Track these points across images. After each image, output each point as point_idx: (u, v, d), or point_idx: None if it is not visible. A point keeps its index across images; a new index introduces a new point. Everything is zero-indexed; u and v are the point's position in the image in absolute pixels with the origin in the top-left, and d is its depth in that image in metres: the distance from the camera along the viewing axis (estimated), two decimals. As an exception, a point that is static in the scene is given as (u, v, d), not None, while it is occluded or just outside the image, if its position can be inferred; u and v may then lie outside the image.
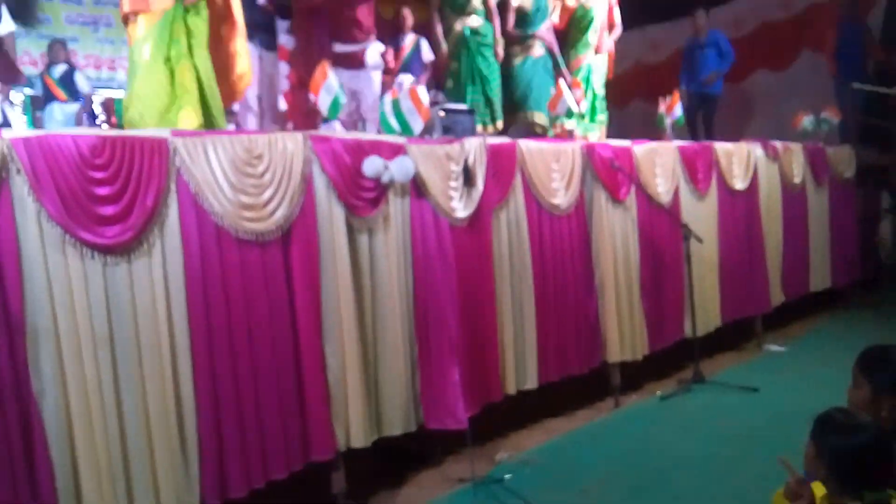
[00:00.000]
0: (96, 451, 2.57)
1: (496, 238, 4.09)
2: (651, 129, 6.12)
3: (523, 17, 5.61)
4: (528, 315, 4.24)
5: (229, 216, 2.97)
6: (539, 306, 4.28)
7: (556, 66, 5.74)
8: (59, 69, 6.86)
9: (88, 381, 2.54)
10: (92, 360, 2.56)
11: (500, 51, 5.38)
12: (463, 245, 3.87)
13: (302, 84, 6.51)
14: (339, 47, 5.09)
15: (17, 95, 7.43)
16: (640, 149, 4.96)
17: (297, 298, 3.23)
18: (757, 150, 5.99)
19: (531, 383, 4.22)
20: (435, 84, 6.68)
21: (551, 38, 5.77)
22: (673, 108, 5.63)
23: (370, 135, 3.66)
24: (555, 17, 6.03)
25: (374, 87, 5.18)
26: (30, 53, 7.64)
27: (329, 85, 3.54)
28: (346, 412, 3.34)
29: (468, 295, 3.88)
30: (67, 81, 6.86)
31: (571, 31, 6.01)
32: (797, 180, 6.41)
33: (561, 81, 4.94)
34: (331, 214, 3.34)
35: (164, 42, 3.44)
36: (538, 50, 5.63)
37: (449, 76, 5.27)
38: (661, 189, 5.02)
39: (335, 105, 3.57)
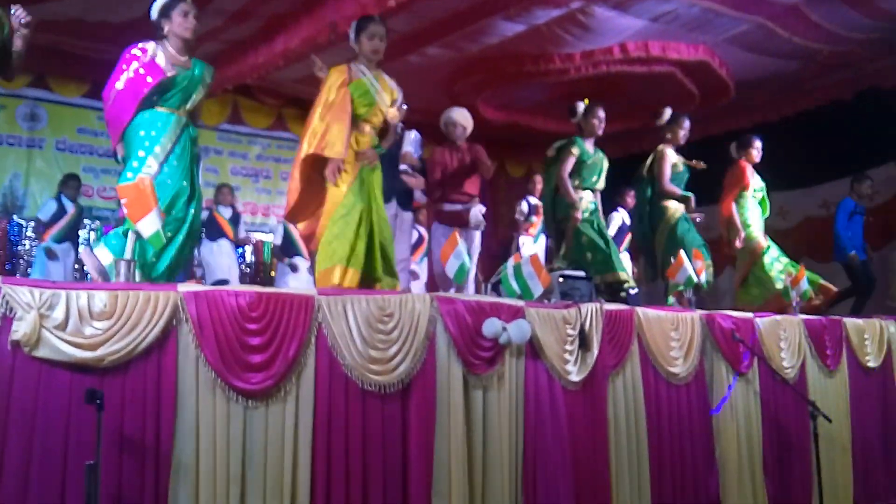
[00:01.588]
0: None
1: (611, 403, 4.09)
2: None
3: (674, 176, 5.70)
4: (643, 486, 4.11)
5: (358, 368, 3.22)
6: (655, 478, 4.16)
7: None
8: (227, 211, 7.70)
9: (218, 518, 2.76)
10: (224, 498, 2.79)
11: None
12: (576, 408, 3.91)
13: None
14: (448, 206, 5.65)
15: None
16: (764, 321, 4.89)
17: (412, 450, 3.36)
18: (891, 326, 5.72)
19: (644, 562, 4.04)
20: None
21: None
22: (799, 282, 5.54)
23: (491, 297, 3.89)
24: None
25: (476, 244, 5.60)
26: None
27: (458, 252, 3.85)
28: (449, 571, 3.35)
29: (580, 460, 3.87)
30: (234, 223, 7.69)
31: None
32: (938, 359, 6.00)
33: (681, 251, 5.04)
34: (449, 371, 3.51)
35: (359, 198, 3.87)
36: (690, 206, 5.69)
37: (577, 236, 5.31)
38: (786, 363, 4.88)
39: (461, 271, 3.86)
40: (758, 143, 6.05)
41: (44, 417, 2.62)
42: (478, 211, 5.70)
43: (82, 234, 7.81)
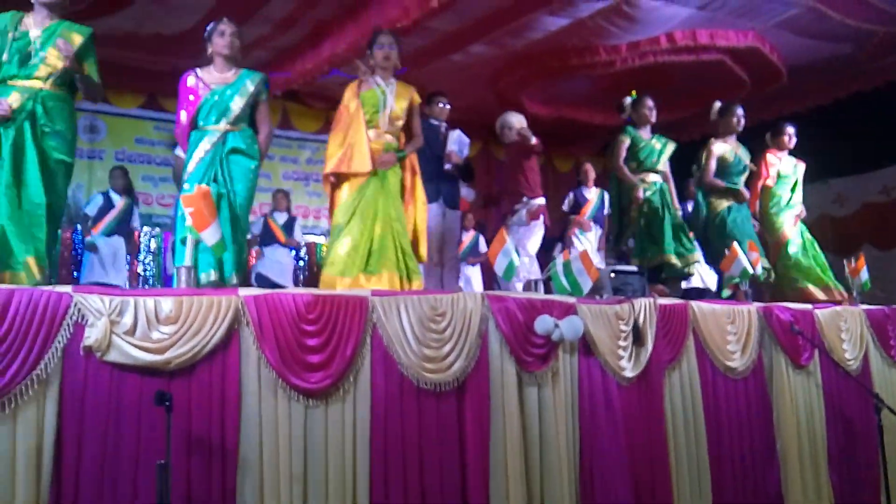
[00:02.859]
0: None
1: (668, 399, 4.05)
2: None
3: (725, 168, 5.55)
4: (703, 482, 4.07)
5: (413, 367, 3.27)
6: (715, 474, 4.10)
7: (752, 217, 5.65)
8: (282, 217, 7.84)
9: (282, 514, 2.85)
10: (287, 494, 2.88)
11: (676, 204, 5.38)
12: (632, 405, 3.89)
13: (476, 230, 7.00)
14: (507, 203, 5.60)
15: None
16: (823, 312, 4.78)
17: (468, 448, 3.39)
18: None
19: (705, 559, 3.99)
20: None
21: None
22: (860, 271, 5.38)
23: (543, 295, 3.89)
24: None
25: (534, 240, 5.57)
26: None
27: (506, 250, 3.86)
28: (508, 567, 3.37)
29: (637, 457, 3.84)
30: (288, 228, 7.82)
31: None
32: None
33: (735, 244, 4.95)
34: (502, 369, 3.54)
35: (364, 205, 3.96)
36: (741, 198, 5.52)
37: (641, 216, 5.25)
38: (848, 355, 4.75)
39: (510, 268, 3.87)
40: (790, 130, 5.83)
41: (116, 419, 2.75)
42: (534, 204, 5.67)
43: (143, 240, 8.06)
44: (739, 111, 5.62)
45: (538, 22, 6.90)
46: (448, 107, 5.52)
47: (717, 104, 5.72)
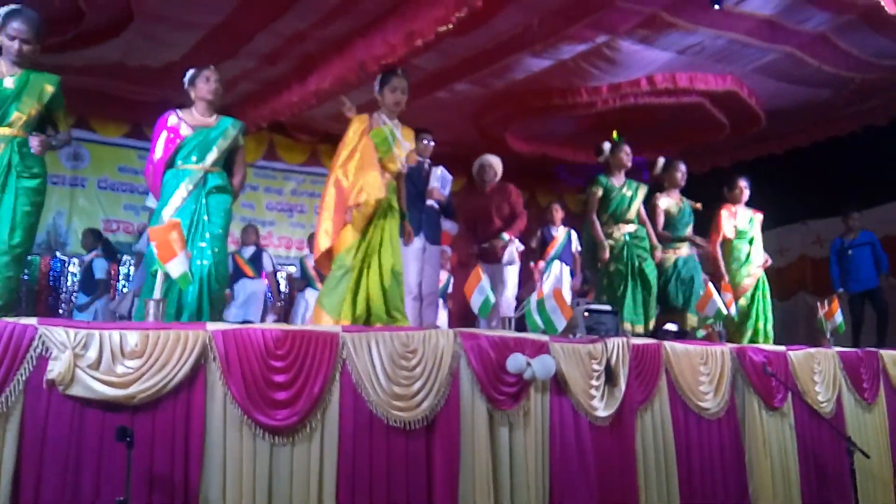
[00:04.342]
0: None
1: (640, 439, 4.04)
2: (815, 321, 5.92)
3: (671, 221, 5.75)
4: (673, 525, 4.07)
5: (382, 404, 3.25)
6: (685, 515, 4.10)
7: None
8: (249, 250, 7.84)
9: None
10: (252, 534, 2.84)
11: (659, 254, 5.47)
12: (604, 444, 3.88)
13: (461, 265, 7.08)
14: (483, 242, 5.70)
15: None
16: (797, 354, 4.81)
17: (437, 487, 3.36)
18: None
19: None
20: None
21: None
22: (833, 314, 5.44)
23: (515, 333, 3.90)
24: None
25: (509, 281, 5.64)
26: (233, 234, 8.85)
27: (482, 287, 3.88)
28: None
29: (608, 498, 3.81)
30: (255, 261, 7.81)
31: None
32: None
33: (710, 284, 5.00)
34: (473, 407, 3.52)
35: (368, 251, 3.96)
36: (685, 250, 5.70)
37: (605, 275, 5.38)
38: (822, 397, 4.77)
39: (486, 305, 3.88)
40: (742, 183, 5.96)
41: (76, 455, 2.70)
42: (513, 248, 5.76)
43: (122, 269, 8.04)
44: (682, 167, 5.79)
45: (521, 63, 7.01)
46: (432, 144, 5.58)
47: (661, 160, 5.80)
